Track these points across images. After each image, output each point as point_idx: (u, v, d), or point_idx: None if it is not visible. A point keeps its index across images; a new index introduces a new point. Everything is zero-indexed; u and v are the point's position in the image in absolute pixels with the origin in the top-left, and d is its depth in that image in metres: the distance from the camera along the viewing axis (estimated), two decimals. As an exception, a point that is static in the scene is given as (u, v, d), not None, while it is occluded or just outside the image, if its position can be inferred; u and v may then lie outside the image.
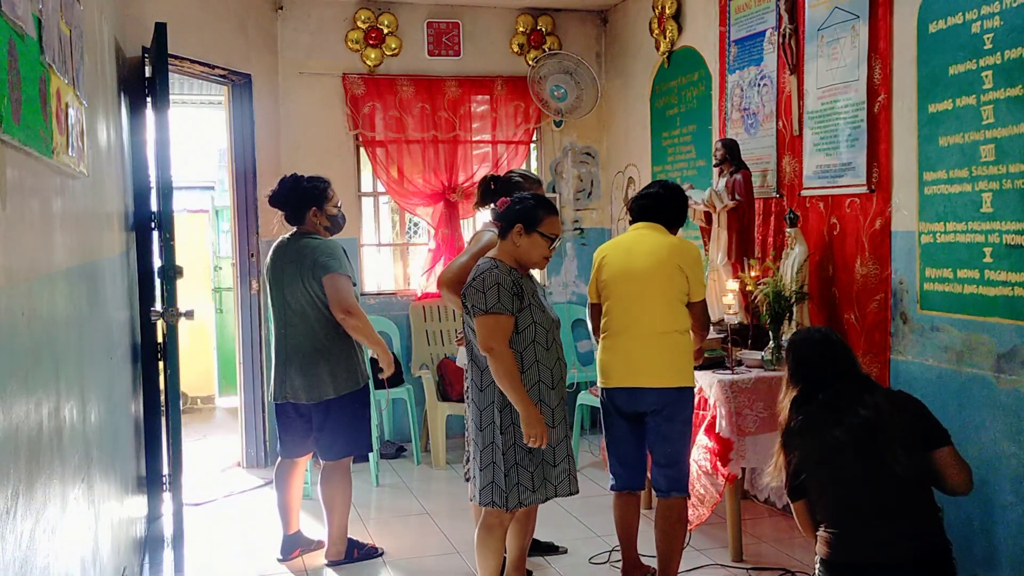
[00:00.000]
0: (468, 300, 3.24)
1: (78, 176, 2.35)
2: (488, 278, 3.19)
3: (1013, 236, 3.29)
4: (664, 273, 3.51)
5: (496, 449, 3.25)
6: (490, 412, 3.27)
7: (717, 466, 3.91)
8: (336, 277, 3.89)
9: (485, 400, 3.29)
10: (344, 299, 3.88)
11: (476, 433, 3.32)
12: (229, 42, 5.53)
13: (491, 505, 3.29)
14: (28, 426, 1.63)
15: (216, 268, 7.94)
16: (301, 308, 3.96)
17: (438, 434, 5.72)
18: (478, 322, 3.19)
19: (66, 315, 2.17)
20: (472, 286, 3.22)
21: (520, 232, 3.25)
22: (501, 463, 3.24)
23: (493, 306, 3.16)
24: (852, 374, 2.83)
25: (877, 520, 2.66)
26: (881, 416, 2.68)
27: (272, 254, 4.11)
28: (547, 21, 6.52)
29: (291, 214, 4.10)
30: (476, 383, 3.32)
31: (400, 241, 6.98)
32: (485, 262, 3.27)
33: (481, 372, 3.29)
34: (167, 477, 4.24)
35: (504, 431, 3.24)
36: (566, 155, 6.69)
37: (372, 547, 4.26)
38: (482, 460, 3.29)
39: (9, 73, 1.47)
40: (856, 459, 2.68)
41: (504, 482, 3.24)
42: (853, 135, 4.10)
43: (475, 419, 3.33)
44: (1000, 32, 3.32)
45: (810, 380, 2.83)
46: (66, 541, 1.95)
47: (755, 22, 4.84)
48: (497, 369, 3.16)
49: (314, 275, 3.91)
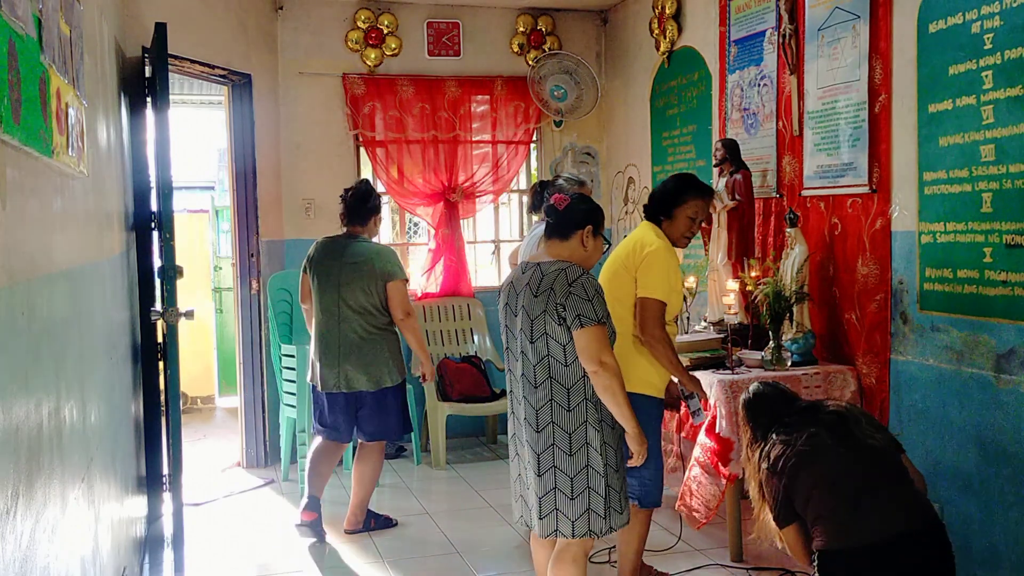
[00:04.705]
0: (570, 311, 2.87)
1: (78, 176, 2.35)
2: (588, 285, 2.90)
3: (1013, 236, 3.29)
4: (610, 272, 3.52)
5: (593, 473, 2.94)
6: (582, 433, 2.94)
7: (717, 466, 3.91)
8: (400, 284, 4.39)
9: (575, 421, 2.94)
10: (406, 303, 4.40)
11: (563, 459, 2.95)
12: (229, 42, 5.52)
13: (587, 535, 2.97)
14: (28, 426, 1.62)
15: (216, 268, 7.94)
16: (361, 306, 4.34)
17: (438, 434, 5.72)
18: (587, 334, 2.86)
19: (66, 315, 2.16)
20: (573, 294, 2.88)
21: (590, 233, 3.05)
22: (601, 487, 2.95)
23: (603, 316, 2.89)
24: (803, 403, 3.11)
25: (869, 497, 2.76)
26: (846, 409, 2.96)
27: (322, 250, 4.45)
28: (547, 21, 6.52)
29: (359, 217, 4.46)
30: (561, 404, 2.95)
31: (400, 241, 6.98)
32: (570, 268, 2.96)
33: (567, 390, 2.94)
34: (167, 477, 4.24)
35: (603, 451, 2.95)
36: (566, 155, 6.68)
37: (387, 517, 4.64)
38: (574, 488, 2.94)
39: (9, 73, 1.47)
40: (836, 447, 2.84)
41: (603, 508, 2.96)
42: (854, 135, 4.10)
43: (561, 444, 2.95)
44: (1000, 32, 3.32)
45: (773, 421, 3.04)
46: (66, 541, 1.95)
47: (755, 22, 4.84)
48: (609, 385, 2.88)
49: (380, 279, 4.34)
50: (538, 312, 2.93)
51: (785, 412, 3.03)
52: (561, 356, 2.93)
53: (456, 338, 6.34)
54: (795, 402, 3.11)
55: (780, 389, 3.18)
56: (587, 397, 2.94)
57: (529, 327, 2.96)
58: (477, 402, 5.84)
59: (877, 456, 2.82)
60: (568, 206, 3.05)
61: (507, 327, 3.10)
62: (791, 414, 3.01)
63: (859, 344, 4.10)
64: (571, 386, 2.93)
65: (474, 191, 6.41)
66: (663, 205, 3.54)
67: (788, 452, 2.89)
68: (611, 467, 2.97)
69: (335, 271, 4.36)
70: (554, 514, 2.97)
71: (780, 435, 2.95)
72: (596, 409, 2.95)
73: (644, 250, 3.44)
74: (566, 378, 2.93)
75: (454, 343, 6.32)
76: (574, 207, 3.06)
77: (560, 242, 3.05)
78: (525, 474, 3.07)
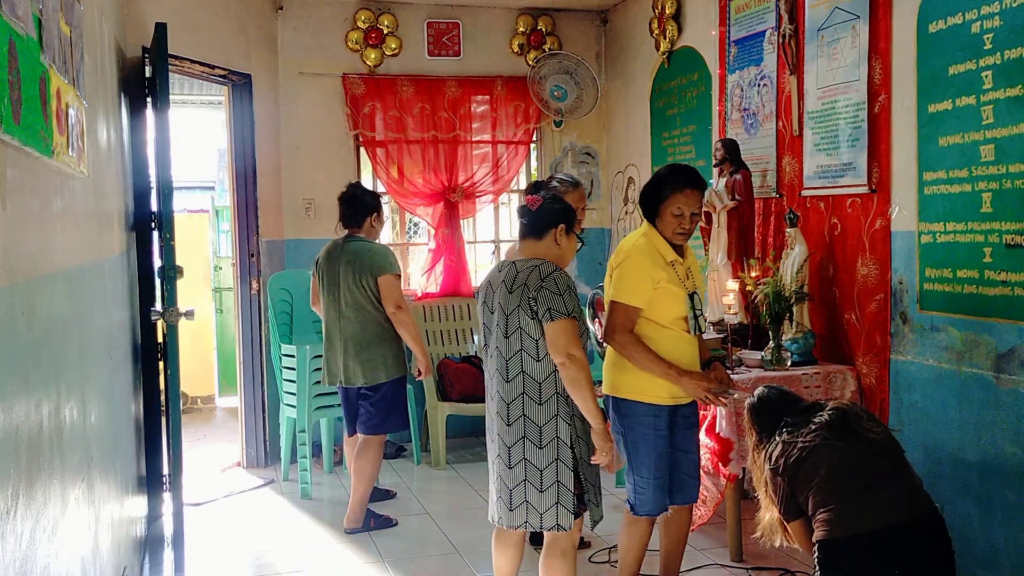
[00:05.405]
0: (541, 304, 2.96)
1: (78, 176, 2.35)
2: (560, 280, 3.00)
3: (1013, 236, 3.29)
4: (606, 278, 3.47)
5: (562, 466, 3.02)
6: (552, 426, 3.02)
7: (718, 466, 3.91)
8: (390, 278, 4.50)
9: (546, 414, 3.02)
10: (397, 297, 4.51)
11: (533, 452, 3.04)
12: (229, 42, 5.53)
13: (556, 529, 3.05)
14: (28, 426, 1.63)
15: (216, 268, 7.94)
16: (357, 302, 4.50)
17: (438, 434, 5.72)
18: (557, 327, 2.95)
19: (66, 315, 2.16)
20: (545, 288, 2.97)
21: (563, 232, 3.13)
22: (570, 481, 3.02)
23: (573, 310, 2.97)
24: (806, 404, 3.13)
25: (869, 489, 2.78)
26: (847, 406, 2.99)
27: (325, 253, 4.64)
28: (547, 21, 6.52)
29: (353, 216, 4.63)
30: (533, 398, 3.03)
31: (400, 241, 6.98)
32: (543, 264, 3.05)
33: (539, 384, 3.03)
34: (167, 477, 4.24)
35: (573, 444, 3.03)
36: (566, 155, 6.69)
37: (387, 518, 4.67)
38: (543, 480, 3.03)
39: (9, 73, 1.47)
40: (837, 442, 2.86)
41: (571, 502, 3.03)
42: (854, 135, 4.10)
43: (532, 437, 3.04)
44: (1000, 32, 3.32)
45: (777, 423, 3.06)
46: (66, 541, 1.95)
47: (755, 22, 4.84)
48: (577, 378, 2.94)
49: (372, 274, 4.47)
50: (512, 307, 3.03)
51: (788, 413, 3.05)
52: (533, 351, 3.02)
53: (456, 338, 6.34)
54: (798, 403, 3.13)
55: (784, 392, 3.21)
56: (558, 392, 3.02)
57: (504, 322, 3.06)
58: (477, 402, 5.82)
59: (877, 450, 2.85)
60: (540, 206, 3.15)
61: (484, 324, 3.19)
62: (794, 414, 3.03)
63: (859, 344, 4.10)
64: (542, 380, 3.02)
65: (474, 191, 6.42)
66: (647, 205, 3.39)
67: (790, 450, 2.91)
68: (584, 461, 3.06)
69: (334, 272, 4.54)
70: (524, 506, 3.07)
71: (783, 435, 2.97)
72: (567, 403, 3.03)
73: (620, 254, 3.36)
74: (538, 373, 3.02)
75: (454, 343, 6.32)
76: (546, 207, 3.15)
77: (535, 241, 3.15)
78: (497, 466, 3.15)
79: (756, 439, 3.14)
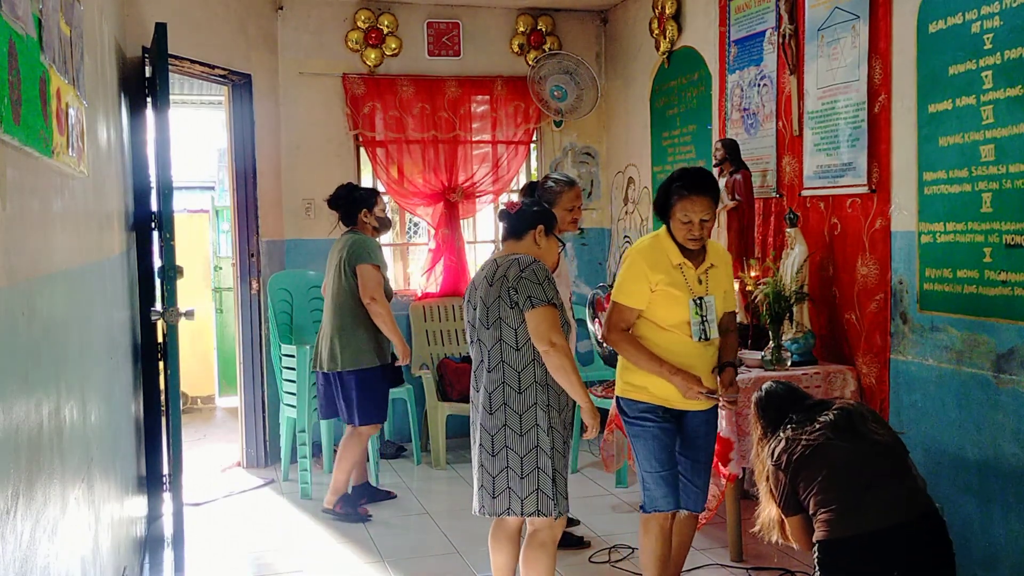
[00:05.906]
0: (521, 293, 3.09)
1: (78, 176, 2.35)
2: (539, 270, 3.14)
3: (1013, 236, 3.29)
4: None
5: (541, 453, 3.13)
6: (532, 415, 3.13)
7: (718, 466, 3.91)
8: (366, 268, 4.59)
9: (526, 402, 3.14)
10: (372, 288, 4.57)
11: (514, 439, 3.14)
12: (229, 42, 5.53)
13: (536, 515, 3.15)
14: (28, 426, 1.63)
15: (216, 268, 7.94)
16: (336, 291, 4.67)
17: (438, 434, 5.72)
18: (538, 314, 3.07)
19: (66, 315, 2.16)
20: (524, 278, 3.10)
21: (542, 233, 3.30)
22: (548, 468, 3.13)
23: (552, 298, 3.09)
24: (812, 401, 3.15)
25: (870, 490, 2.78)
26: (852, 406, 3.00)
27: (332, 246, 4.86)
28: (547, 21, 6.52)
29: (344, 215, 4.81)
30: (513, 387, 3.15)
31: (400, 241, 6.98)
32: (523, 257, 3.20)
33: (518, 373, 3.15)
34: (167, 477, 4.24)
35: (551, 432, 3.14)
36: (566, 155, 6.69)
37: (362, 512, 4.77)
38: (524, 467, 3.14)
39: (9, 73, 1.47)
40: (840, 442, 2.86)
41: (551, 488, 3.13)
42: (854, 135, 4.10)
43: (512, 425, 3.15)
44: (1000, 32, 3.32)
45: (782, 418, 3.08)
46: (66, 541, 1.95)
47: (755, 22, 4.84)
48: (561, 364, 3.08)
49: (350, 264, 4.61)
50: (492, 299, 3.17)
51: (794, 409, 3.06)
52: (512, 340, 3.14)
53: (456, 338, 6.34)
54: (804, 400, 3.14)
55: (791, 387, 3.21)
56: (536, 380, 3.14)
57: (485, 314, 3.19)
58: (477, 402, 5.83)
59: (880, 451, 2.85)
60: (519, 209, 3.33)
61: (468, 322, 3.32)
62: (799, 411, 3.04)
63: (859, 344, 4.10)
64: (521, 370, 3.14)
65: (474, 191, 6.42)
66: (659, 210, 3.36)
67: (794, 447, 2.92)
68: (557, 451, 3.16)
69: (330, 263, 4.80)
70: (506, 492, 3.17)
71: (787, 431, 2.98)
72: (545, 392, 3.15)
73: (626, 254, 3.41)
74: (517, 362, 3.15)
75: (454, 343, 6.32)
76: (525, 210, 3.33)
77: (515, 242, 3.31)
78: (480, 455, 3.24)
79: (760, 433, 3.15)
